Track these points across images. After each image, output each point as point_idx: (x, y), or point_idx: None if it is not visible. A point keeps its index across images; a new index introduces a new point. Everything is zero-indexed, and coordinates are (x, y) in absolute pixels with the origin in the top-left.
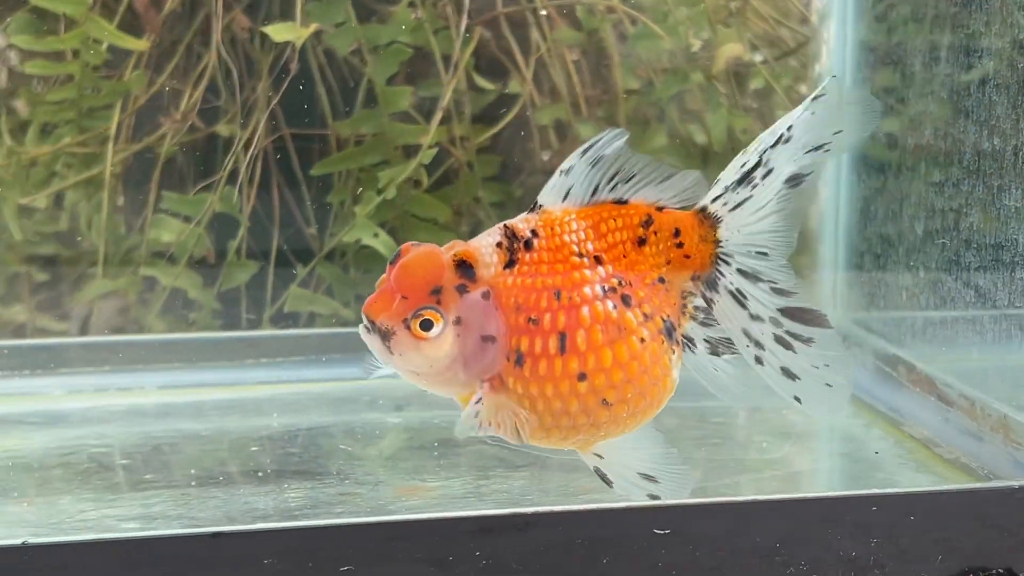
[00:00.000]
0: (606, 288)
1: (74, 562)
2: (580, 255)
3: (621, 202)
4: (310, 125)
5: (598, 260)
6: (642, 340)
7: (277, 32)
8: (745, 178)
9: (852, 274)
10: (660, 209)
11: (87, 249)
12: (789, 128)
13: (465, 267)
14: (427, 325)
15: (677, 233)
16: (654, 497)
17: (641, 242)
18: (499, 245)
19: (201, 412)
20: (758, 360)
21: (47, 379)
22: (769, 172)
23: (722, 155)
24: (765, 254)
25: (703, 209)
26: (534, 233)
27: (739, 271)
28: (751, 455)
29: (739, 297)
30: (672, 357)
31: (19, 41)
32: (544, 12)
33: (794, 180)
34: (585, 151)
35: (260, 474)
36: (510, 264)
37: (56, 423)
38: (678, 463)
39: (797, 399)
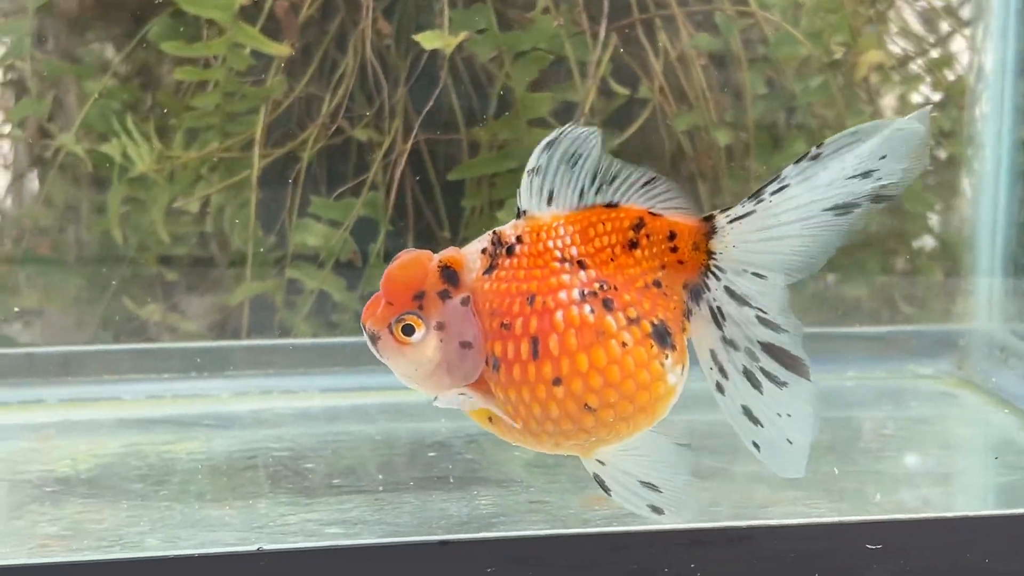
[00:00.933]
0: (585, 292)
1: (308, 568)
2: (562, 260)
3: (612, 206)
4: (445, 131)
5: (581, 265)
6: (623, 344)
7: (427, 40)
8: (758, 192)
9: (1010, 281)
10: (654, 214)
11: (232, 251)
12: (819, 146)
13: (449, 273)
14: (408, 330)
15: (672, 236)
16: (655, 508)
17: (632, 245)
18: (484, 251)
19: (368, 416)
20: (719, 388)
21: (214, 381)
22: (782, 189)
23: None
24: (763, 277)
25: (708, 217)
26: (519, 239)
27: (726, 289)
28: (906, 466)
29: (717, 316)
30: (666, 361)
31: (169, 47)
32: (678, 17)
33: (840, 209)
34: (548, 148)
35: (446, 480)
36: (489, 269)
37: (230, 425)
38: (684, 474)
39: (756, 446)
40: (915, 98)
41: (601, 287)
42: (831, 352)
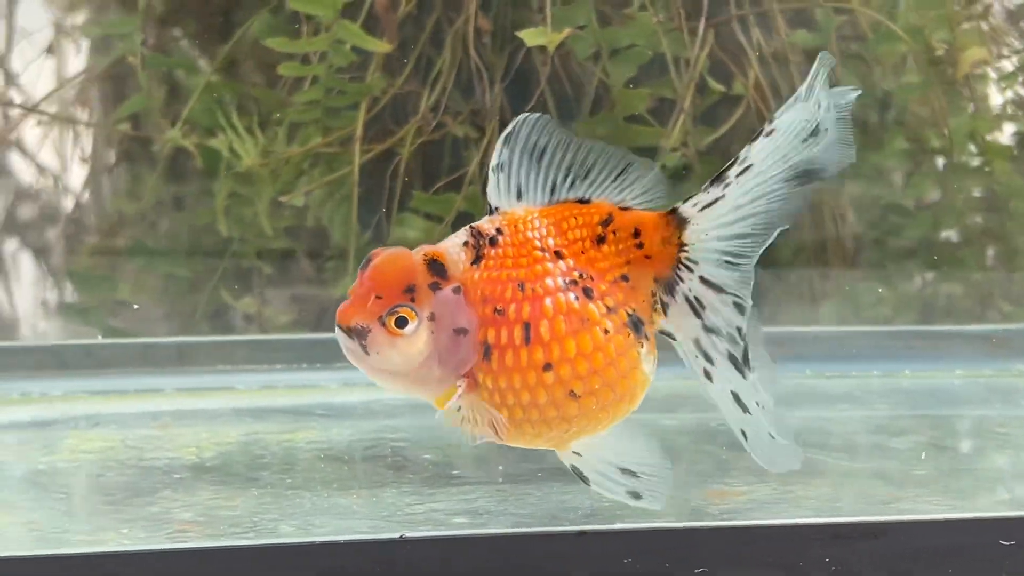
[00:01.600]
0: (567, 280)
1: (448, 556)
2: (542, 250)
3: (584, 201)
4: None
5: (558, 255)
6: (606, 331)
7: (530, 36)
8: (719, 176)
9: None
10: (624, 208)
11: (332, 245)
12: (771, 121)
13: (436, 266)
14: (402, 322)
15: (637, 233)
16: (634, 494)
17: (600, 240)
18: (466, 244)
19: None
20: (707, 375)
21: (323, 373)
22: (746, 169)
23: (962, 160)
24: (735, 264)
25: (674, 210)
26: (499, 231)
27: (701, 279)
28: (996, 463)
29: (695, 305)
30: (641, 351)
31: (273, 43)
32: (774, 14)
33: (803, 177)
34: (506, 141)
35: (563, 472)
36: (476, 260)
37: (344, 416)
38: (659, 458)
39: (743, 434)
40: (1009, 95)
41: (580, 276)
42: (937, 350)
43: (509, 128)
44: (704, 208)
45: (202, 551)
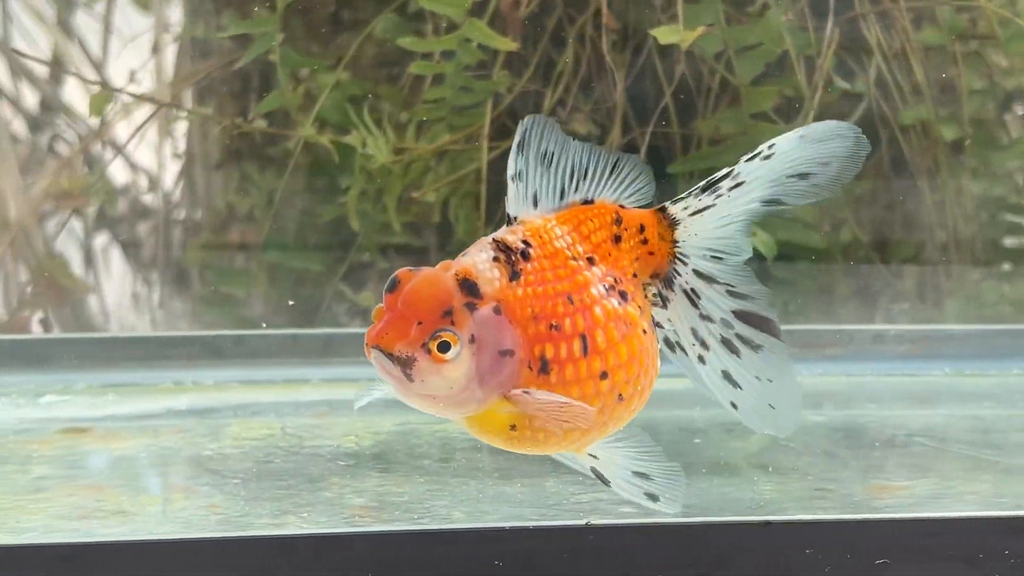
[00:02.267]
0: (606, 287)
1: (633, 544)
2: (575, 258)
3: (587, 202)
4: (663, 124)
5: (591, 261)
6: (644, 331)
7: (662, 35)
8: (711, 186)
9: None
10: (623, 207)
11: (456, 241)
12: (771, 146)
13: (469, 285)
14: (445, 347)
15: (642, 229)
16: (651, 496)
17: (617, 239)
18: (496, 259)
19: None
20: (701, 359)
21: None
22: (738, 185)
23: None
24: (720, 259)
25: (662, 209)
26: (526, 243)
27: (695, 271)
28: None
29: (692, 296)
30: (658, 344)
31: (405, 43)
32: (899, 12)
33: (772, 203)
34: (520, 149)
35: (722, 465)
36: (514, 276)
37: None
38: (665, 459)
39: (733, 405)
40: None
41: (615, 280)
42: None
43: (519, 135)
44: (694, 213)
45: (388, 535)
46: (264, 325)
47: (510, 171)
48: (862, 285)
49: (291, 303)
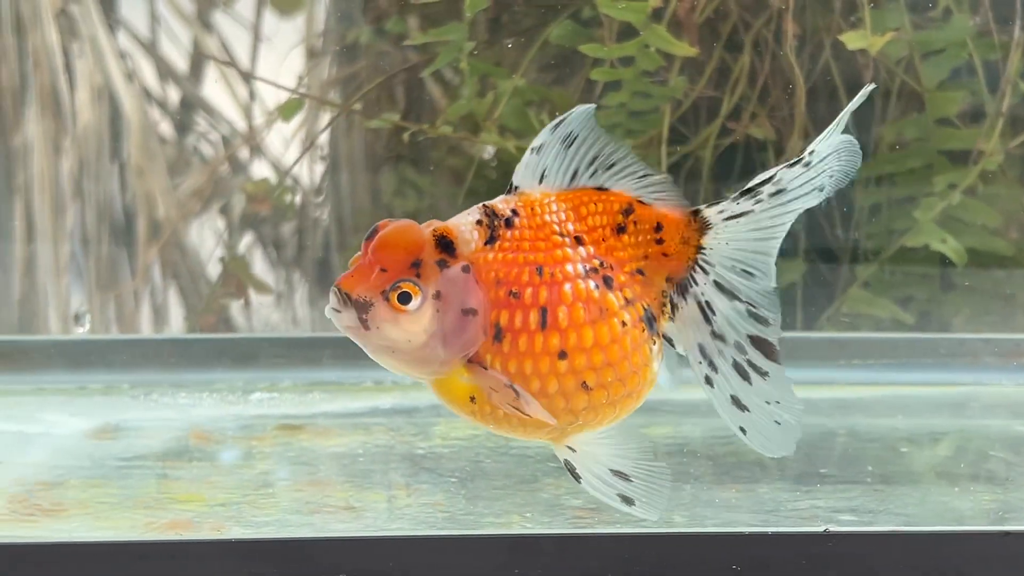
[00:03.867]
0: (587, 268)
1: (872, 551)
2: (561, 235)
3: (601, 189)
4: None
5: (579, 241)
6: (623, 323)
7: (851, 40)
8: (751, 191)
9: None
10: (643, 202)
11: None
12: (811, 152)
13: (445, 242)
14: (406, 298)
15: (658, 228)
16: (625, 499)
17: (620, 230)
18: (479, 223)
19: (820, 409)
20: (708, 381)
21: None
22: (779, 192)
23: None
24: (751, 274)
25: (696, 211)
26: (514, 212)
27: (716, 283)
28: None
29: (706, 310)
30: (653, 348)
31: (587, 50)
32: None
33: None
34: (555, 127)
35: (938, 475)
36: (491, 240)
37: (689, 412)
38: (654, 463)
39: (742, 430)
40: None
41: (601, 264)
42: None
43: (561, 117)
44: (730, 218)
45: (621, 536)
46: None
47: (534, 143)
48: None
49: None
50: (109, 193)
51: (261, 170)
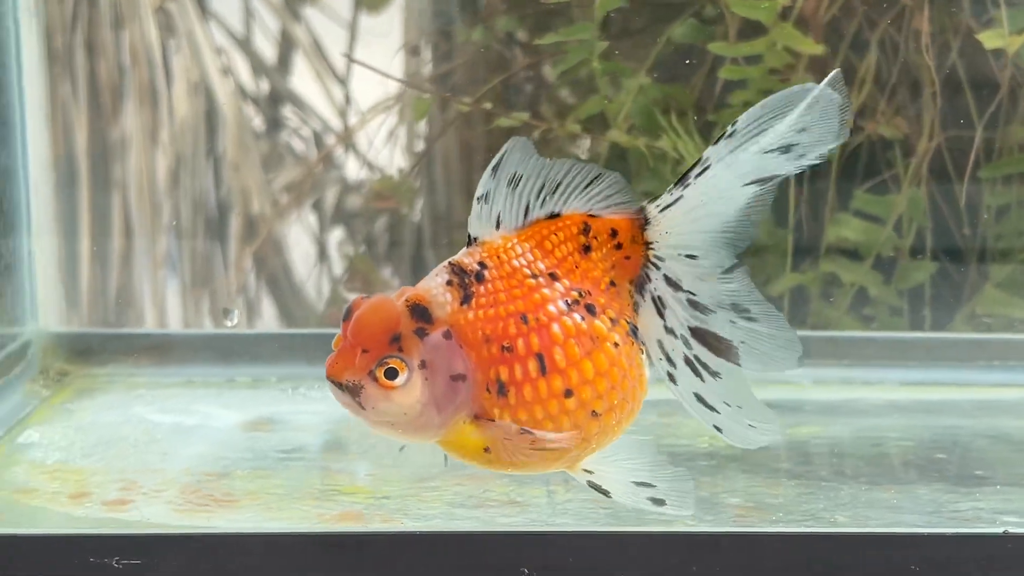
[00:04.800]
0: (568, 302)
1: None
2: (534, 276)
3: (554, 216)
4: (965, 127)
5: (553, 276)
6: (616, 344)
7: (988, 39)
8: (682, 177)
9: None
10: (593, 215)
11: (757, 243)
12: (733, 123)
13: (419, 311)
14: (392, 373)
15: (614, 234)
16: (657, 501)
17: (586, 249)
18: (449, 283)
19: (964, 411)
20: (671, 378)
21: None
22: (705, 170)
23: None
24: (695, 256)
25: (640, 210)
26: (482, 265)
27: (665, 277)
28: None
29: (658, 305)
30: (642, 356)
31: (716, 48)
32: None
33: (759, 182)
34: (494, 171)
35: None
36: (466, 300)
37: (832, 412)
38: (669, 466)
39: (717, 428)
40: None
41: (580, 294)
42: None
43: (497, 158)
44: (665, 208)
45: (781, 536)
46: None
47: (478, 192)
48: None
49: None
50: (204, 188)
51: (353, 167)
